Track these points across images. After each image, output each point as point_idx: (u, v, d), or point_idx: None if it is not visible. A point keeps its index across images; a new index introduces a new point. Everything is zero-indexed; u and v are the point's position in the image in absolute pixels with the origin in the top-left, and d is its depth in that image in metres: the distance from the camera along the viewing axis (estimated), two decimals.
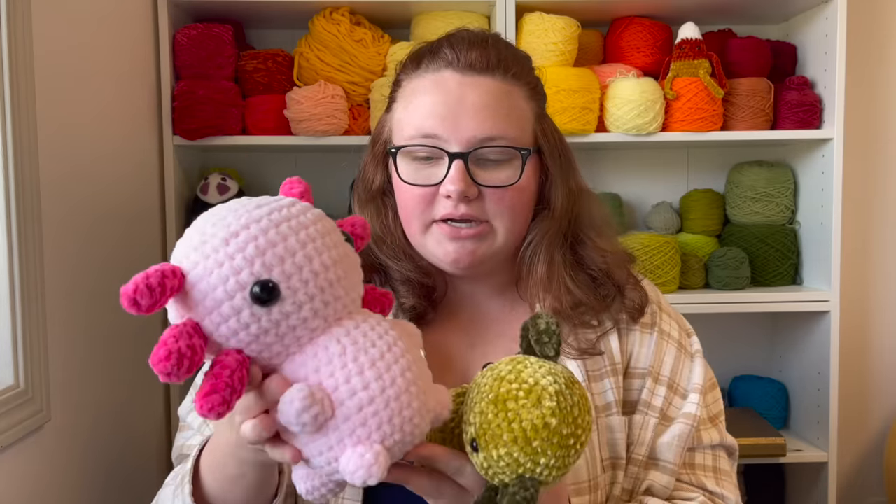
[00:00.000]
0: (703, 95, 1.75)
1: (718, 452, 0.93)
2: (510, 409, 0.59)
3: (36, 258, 1.09)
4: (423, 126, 0.85)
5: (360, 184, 0.97)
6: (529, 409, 0.58)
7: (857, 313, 2.08)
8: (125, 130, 1.50)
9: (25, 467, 1.08)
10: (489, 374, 0.63)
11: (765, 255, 1.89)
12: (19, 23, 1.06)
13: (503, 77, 0.87)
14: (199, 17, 1.80)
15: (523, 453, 0.58)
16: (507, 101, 0.86)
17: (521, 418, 0.58)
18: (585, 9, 1.80)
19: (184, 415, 0.97)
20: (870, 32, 2.05)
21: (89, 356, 1.29)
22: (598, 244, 0.93)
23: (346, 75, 1.74)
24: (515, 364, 0.62)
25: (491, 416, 0.59)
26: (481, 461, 0.60)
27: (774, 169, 1.91)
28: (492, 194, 0.85)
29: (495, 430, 0.59)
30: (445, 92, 0.85)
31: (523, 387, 0.59)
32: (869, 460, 2.12)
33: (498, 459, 0.59)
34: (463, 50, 0.86)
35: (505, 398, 0.59)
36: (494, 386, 0.61)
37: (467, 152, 0.83)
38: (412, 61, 0.91)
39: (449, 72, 0.86)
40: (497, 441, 0.58)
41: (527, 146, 0.87)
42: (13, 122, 1.04)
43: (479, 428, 0.60)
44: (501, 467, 0.59)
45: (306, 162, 1.98)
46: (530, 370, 0.61)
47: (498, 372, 0.62)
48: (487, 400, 0.60)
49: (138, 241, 1.55)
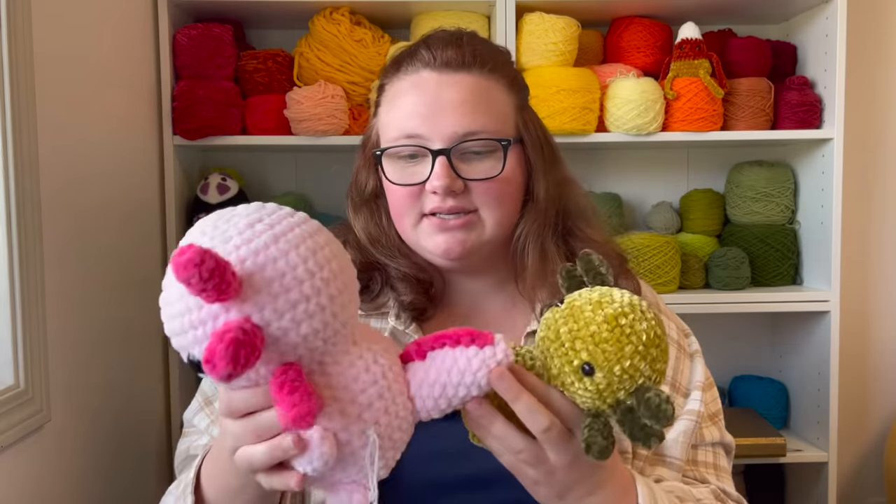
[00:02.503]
0: (704, 95, 1.75)
1: (718, 450, 0.95)
2: (623, 325, 0.61)
3: (36, 258, 1.09)
4: (405, 127, 0.88)
5: (353, 189, 0.99)
6: (640, 323, 0.61)
7: (857, 313, 2.08)
8: (125, 130, 1.50)
9: (25, 467, 1.08)
10: (579, 304, 0.64)
11: (765, 255, 1.89)
12: (19, 23, 1.06)
13: (480, 72, 0.89)
14: (199, 17, 1.80)
15: (644, 362, 0.61)
16: (485, 95, 0.88)
17: (636, 331, 0.61)
18: (585, 9, 1.80)
19: (190, 418, 0.97)
20: (870, 32, 2.05)
21: (89, 356, 1.29)
22: (590, 235, 0.95)
23: (346, 75, 1.74)
24: (597, 292, 0.64)
25: (606, 334, 0.61)
26: (598, 382, 0.62)
27: (774, 169, 1.91)
28: (477, 186, 0.87)
29: (615, 347, 0.61)
30: (425, 91, 0.87)
31: (624, 305, 0.62)
32: (869, 460, 2.12)
33: (621, 374, 0.61)
34: (438, 49, 0.89)
35: (615, 316, 0.62)
36: (597, 309, 0.62)
37: (449, 148, 0.86)
38: (392, 65, 0.93)
39: (427, 72, 0.88)
40: (619, 355, 0.61)
41: (508, 138, 0.89)
42: (13, 122, 1.04)
43: (595, 349, 0.61)
44: (623, 381, 0.61)
45: (306, 162, 1.98)
46: (616, 293, 0.64)
47: (590, 299, 0.64)
48: (597, 322, 0.62)
49: (138, 240, 1.55)
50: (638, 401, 0.61)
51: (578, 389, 0.63)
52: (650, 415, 0.60)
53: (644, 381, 0.62)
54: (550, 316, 0.66)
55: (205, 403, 0.98)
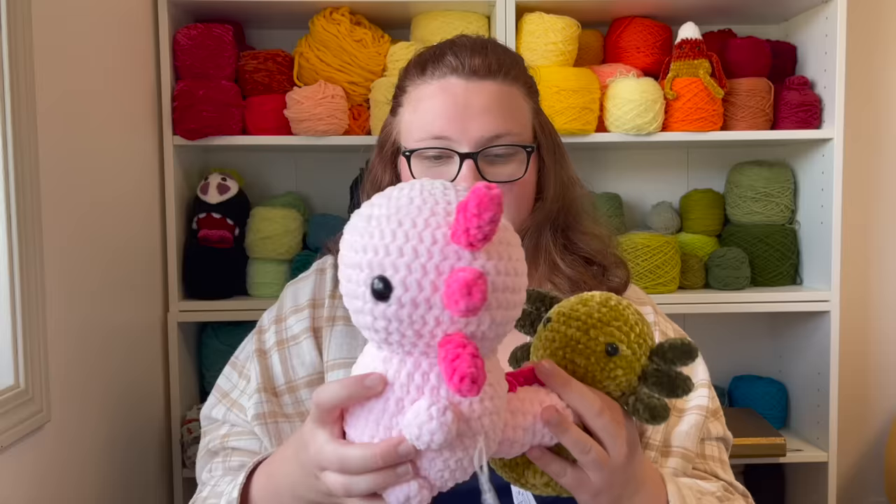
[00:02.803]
0: (703, 95, 1.75)
1: (720, 444, 0.98)
2: (614, 304, 0.69)
3: (36, 258, 1.09)
4: (432, 129, 0.91)
5: (368, 184, 1.02)
6: (622, 301, 0.70)
7: (857, 313, 2.08)
8: (125, 130, 1.51)
9: (25, 467, 1.08)
10: (566, 310, 0.69)
11: (765, 255, 1.89)
12: (19, 23, 1.06)
13: (503, 79, 0.93)
14: (200, 17, 1.80)
15: (645, 326, 0.69)
16: (508, 101, 0.93)
17: (624, 305, 0.69)
18: (585, 9, 1.80)
19: (207, 413, 1.01)
20: (870, 32, 2.05)
21: (89, 356, 1.29)
22: (588, 228, 1.01)
23: (346, 75, 1.74)
24: (570, 300, 0.71)
25: (609, 315, 0.68)
26: (626, 355, 0.66)
27: (774, 169, 1.91)
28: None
29: (622, 320, 0.67)
30: (453, 96, 0.91)
31: (601, 294, 0.70)
32: (869, 460, 2.12)
33: (638, 339, 0.67)
34: (466, 57, 0.93)
35: (606, 299, 0.69)
36: (588, 302, 0.69)
37: (476, 152, 0.90)
38: (417, 68, 0.97)
39: (454, 78, 0.93)
40: (629, 325, 0.67)
41: (528, 141, 0.94)
42: (13, 122, 1.04)
43: (609, 329, 0.67)
44: (642, 346, 0.67)
45: (306, 162, 1.98)
46: (584, 293, 0.71)
47: (572, 303, 0.70)
48: (596, 310, 0.68)
49: (138, 240, 1.55)
50: (661, 355, 0.67)
51: (611, 373, 0.66)
52: (678, 354, 0.66)
53: (651, 343, 0.68)
54: (546, 335, 0.68)
55: (221, 396, 1.00)
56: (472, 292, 0.52)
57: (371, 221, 0.57)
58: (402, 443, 0.57)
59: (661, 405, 0.66)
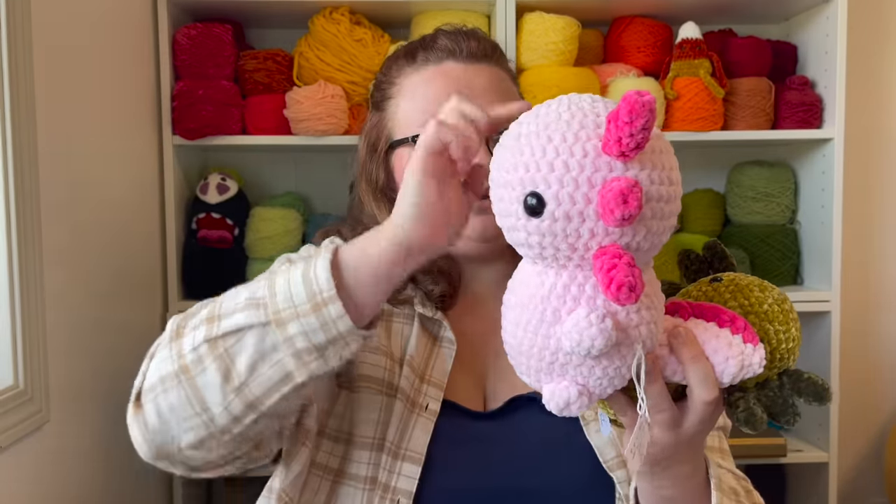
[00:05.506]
0: (704, 95, 1.75)
1: (720, 434, 0.98)
2: (787, 309, 0.67)
3: (36, 258, 1.09)
4: (435, 112, 0.87)
5: (364, 184, 0.99)
6: (795, 312, 0.68)
7: (857, 313, 2.08)
8: (125, 130, 1.50)
9: (25, 467, 1.08)
10: (745, 283, 0.68)
11: (765, 255, 1.89)
12: (19, 23, 1.06)
13: (496, 64, 0.95)
14: (199, 16, 1.80)
15: (798, 346, 0.67)
16: (502, 84, 0.94)
17: (796, 318, 0.67)
18: (585, 8, 1.80)
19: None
20: (870, 32, 2.04)
21: (89, 356, 1.29)
22: None
23: (346, 75, 1.74)
24: (746, 277, 0.70)
25: (778, 314, 0.66)
26: (766, 362, 0.63)
27: (775, 169, 1.91)
28: None
29: (784, 326, 0.66)
30: (454, 79, 0.90)
31: (782, 293, 0.69)
32: (869, 461, 2.12)
33: (784, 352, 0.66)
34: (462, 41, 0.93)
35: (783, 299, 0.67)
36: (765, 290, 0.68)
37: None
38: (406, 58, 0.95)
39: (451, 62, 0.92)
40: (787, 335, 0.66)
41: None
42: (13, 121, 1.04)
43: (767, 326, 0.66)
44: (782, 360, 0.66)
45: (306, 162, 1.98)
46: (778, 291, 0.69)
47: (752, 281, 0.69)
48: (769, 302, 0.67)
49: (138, 240, 1.55)
50: (793, 381, 0.65)
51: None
52: (811, 391, 0.64)
53: (791, 362, 0.66)
54: (707, 292, 0.69)
55: None
56: (627, 200, 0.51)
57: (521, 139, 0.57)
58: None
59: (760, 418, 0.64)
